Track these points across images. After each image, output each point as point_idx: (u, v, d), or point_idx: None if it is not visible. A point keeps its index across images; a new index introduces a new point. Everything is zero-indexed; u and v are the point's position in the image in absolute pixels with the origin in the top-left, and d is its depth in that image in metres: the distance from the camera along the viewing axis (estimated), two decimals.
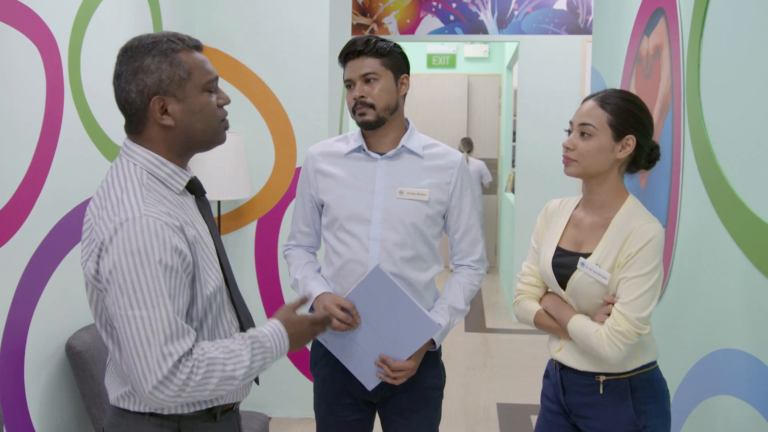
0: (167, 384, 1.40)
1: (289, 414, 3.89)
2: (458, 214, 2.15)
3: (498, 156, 8.28)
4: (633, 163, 1.92)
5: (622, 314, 1.81)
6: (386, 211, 2.07)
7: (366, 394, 2.15)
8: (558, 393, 2.02)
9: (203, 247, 1.53)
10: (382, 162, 2.11)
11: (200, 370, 1.43)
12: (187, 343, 1.42)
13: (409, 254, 2.08)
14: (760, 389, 1.71)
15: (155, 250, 1.39)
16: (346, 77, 2.08)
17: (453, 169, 2.12)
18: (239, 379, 1.49)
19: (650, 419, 1.89)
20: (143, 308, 1.39)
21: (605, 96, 1.89)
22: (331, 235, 2.14)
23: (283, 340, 1.59)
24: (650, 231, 1.82)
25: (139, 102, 1.48)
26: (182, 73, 1.48)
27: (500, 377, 4.68)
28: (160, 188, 1.51)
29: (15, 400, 2.24)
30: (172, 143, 1.52)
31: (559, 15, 5.86)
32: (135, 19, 2.99)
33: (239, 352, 1.50)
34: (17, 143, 2.22)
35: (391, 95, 2.07)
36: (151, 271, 1.39)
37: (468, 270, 2.19)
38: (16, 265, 2.23)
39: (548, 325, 2.00)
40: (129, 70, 1.47)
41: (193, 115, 1.51)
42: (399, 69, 2.09)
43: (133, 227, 1.40)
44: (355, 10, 5.98)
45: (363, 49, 2.04)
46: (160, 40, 1.48)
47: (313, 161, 2.18)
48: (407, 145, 2.11)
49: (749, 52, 1.79)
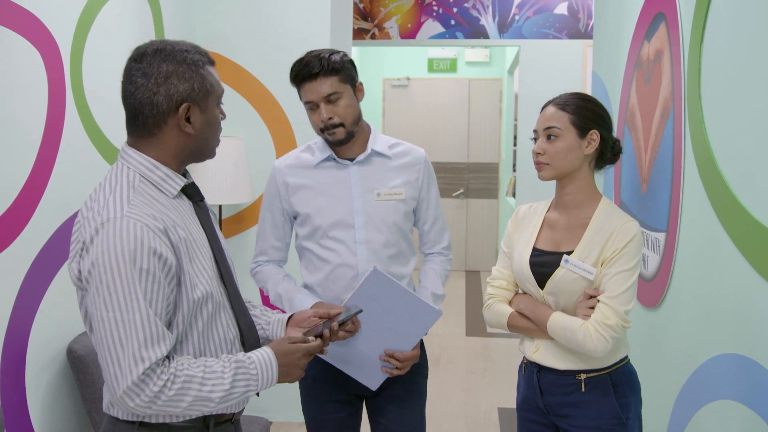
0: (138, 392, 1.38)
1: (289, 418, 3.88)
2: (427, 206, 2.26)
3: (499, 160, 8.28)
4: (600, 158, 2.01)
5: (611, 308, 1.86)
6: (367, 214, 2.15)
7: (359, 388, 2.17)
8: (534, 395, 2.03)
9: (194, 251, 1.52)
10: (354, 168, 2.17)
11: (175, 386, 1.41)
12: (162, 349, 1.40)
13: (393, 251, 2.17)
14: (763, 395, 1.71)
15: (132, 252, 1.38)
16: (308, 99, 2.09)
17: (419, 164, 2.23)
18: (215, 402, 1.46)
19: (631, 411, 1.96)
20: (117, 310, 1.38)
21: (563, 99, 2.00)
22: (314, 244, 2.17)
23: (271, 370, 1.54)
24: (632, 229, 1.92)
25: (165, 105, 1.49)
26: (208, 86, 1.53)
27: (501, 381, 4.67)
28: (152, 191, 1.51)
29: (16, 403, 2.24)
30: (182, 150, 1.54)
31: (559, 19, 5.86)
32: (137, 24, 3.00)
33: (220, 374, 1.47)
34: (19, 147, 2.23)
35: (355, 108, 2.12)
36: (127, 273, 1.38)
37: (439, 257, 2.32)
38: (18, 270, 2.24)
39: (523, 326, 2.02)
40: (160, 73, 1.48)
41: (209, 128, 1.56)
42: (353, 79, 2.13)
43: (113, 228, 1.40)
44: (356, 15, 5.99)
45: (319, 71, 2.04)
46: (189, 50, 1.52)
47: (281, 175, 2.20)
48: (375, 147, 2.18)
49: (750, 57, 1.79)
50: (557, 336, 1.93)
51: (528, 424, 2.08)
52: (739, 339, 1.84)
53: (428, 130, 8.19)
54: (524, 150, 5.88)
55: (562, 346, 1.95)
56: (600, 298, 1.89)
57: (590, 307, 1.90)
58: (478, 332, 5.86)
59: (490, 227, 8.38)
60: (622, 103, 3.15)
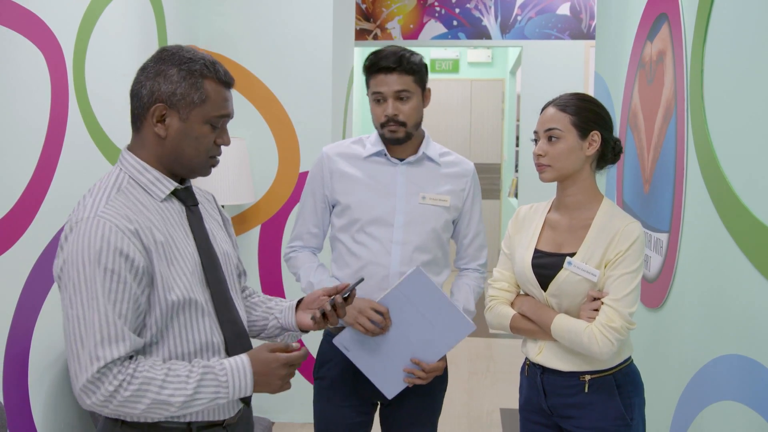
0: (93, 389, 1.39)
1: (292, 419, 3.89)
2: (469, 220, 2.22)
3: (501, 161, 8.28)
4: (601, 158, 2.00)
5: (616, 310, 1.86)
6: (409, 215, 2.11)
7: (376, 395, 2.15)
8: (537, 396, 2.02)
9: (173, 255, 1.51)
10: (402, 167, 2.15)
11: (131, 387, 1.40)
12: (119, 350, 1.40)
13: (427, 258, 2.12)
14: (765, 396, 1.70)
15: (97, 252, 1.40)
16: (378, 90, 2.07)
17: (467, 177, 2.21)
18: (176, 407, 1.43)
19: (635, 411, 1.96)
20: (79, 308, 1.40)
21: (563, 100, 1.98)
22: (348, 237, 2.14)
23: (245, 378, 1.49)
24: (635, 230, 1.91)
25: (145, 100, 1.52)
26: (196, 98, 1.52)
27: (503, 382, 4.67)
28: (138, 194, 1.52)
29: (19, 404, 2.25)
30: (161, 153, 1.55)
31: (562, 20, 5.86)
32: (139, 25, 3.00)
33: (184, 378, 1.45)
34: (22, 148, 2.23)
35: (420, 112, 2.14)
36: (91, 272, 1.40)
37: (474, 273, 2.28)
38: (21, 270, 2.24)
39: (526, 328, 2.02)
40: (154, 69, 1.52)
41: (187, 139, 1.53)
42: (425, 84, 2.15)
43: (84, 227, 1.42)
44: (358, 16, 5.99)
45: (396, 67, 2.05)
46: (196, 60, 1.53)
47: (329, 161, 2.18)
48: (427, 152, 2.17)
49: (753, 58, 1.79)
50: (561, 339, 1.92)
51: (531, 425, 2.07)
52: (742, 340, 1.84)
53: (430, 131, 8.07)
54: (526, 151, 5.88)
55: (566, 347, 1.95)
56: (604, 300, 1.88)
57: (594, 309, 1.89)
58: (480, 333, 5.85)
59: (492, 228, 8.38)
60: (624, 104, 3.15)
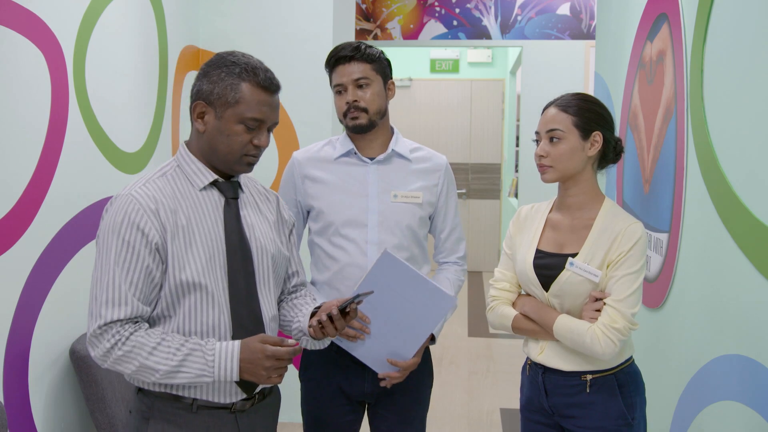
0: (96, 343, 1.58)
1: (292, 419, 3.88)
2: (445, 214, 2.23)
3: (501, 161, 8.28)
4: (602, 158, 2.01)
5: (618, 311, 1.86)
6: (382, 214, 2.11)
7: (362, 395, 2.16)
8: (538, 396, 2.02)
9: (192, 239, 1.64)
10: (373, 166, 2.15)
11: (124, 347, 1.57)
12: (119, 312, 1.57)
13: (404, 256, 2.12)
14: (765, 396, 1.70)
15: (118, 224, 1.59)
16: (337, 82, 2.12)
17: (440, 171, 2.21)
18: (159, 374, 1.58)
19: (637, 411, 1.96)
20: (98, 270, 1.60)
21: (564, 101, 1.98)
22: (325, 240, 2.15)
23: (231, 362, 1.58)
24: (637, 231, 1.91)
25: (193, 98, 1.70)
26: (230, 99, 1.65)
27: (504, 382, 4.67)
28: (179, 181, 1.69)
29: (19, 404, 2.25)
30: (202, 147, 1.71)
31: (562, 20, 5.86)
32: (139, 25, 3.00)
33: (174, 350, 1.58)
34: (22, 148, 2.23)
35: (382, 100, 2.13)
36: (110, 240, 1.59)
37: (454, 266, 2.29)
38: (21, 270, 2.24)
39: (528, 328, 2.01)
40: (204, 71, 1.69)
41: (220, 135, 1.67)
42: (386, 75, 2.16)
43: (117, 202, 1.62)
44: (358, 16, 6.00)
45: (354, 55, 2.09)
46: (240, 64, 1.67)
47: (299, 167, 2.19)
48: (396, 149, 2.16)
49: (752, 58, 1.79)
50: (564, 339, 1.92)
51: (532, 425, 2.07)
52: (742, 340, 1.84)
53: (430, 131, 8.19)
54: (526, 151, 5.88)
55: (568, 347, 1.95)
56: (607, 301, 1.88)
57: (596, 309, 1.89)
58: (480, 333, 5.86)
59: (492, 228, 8.38)
60: (624, 104, 3.15)
